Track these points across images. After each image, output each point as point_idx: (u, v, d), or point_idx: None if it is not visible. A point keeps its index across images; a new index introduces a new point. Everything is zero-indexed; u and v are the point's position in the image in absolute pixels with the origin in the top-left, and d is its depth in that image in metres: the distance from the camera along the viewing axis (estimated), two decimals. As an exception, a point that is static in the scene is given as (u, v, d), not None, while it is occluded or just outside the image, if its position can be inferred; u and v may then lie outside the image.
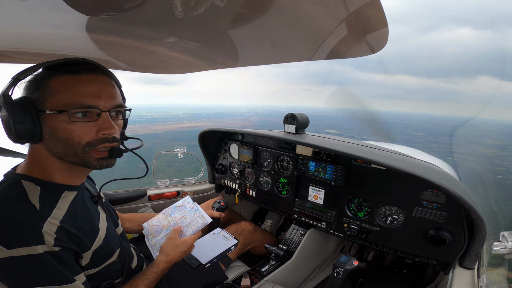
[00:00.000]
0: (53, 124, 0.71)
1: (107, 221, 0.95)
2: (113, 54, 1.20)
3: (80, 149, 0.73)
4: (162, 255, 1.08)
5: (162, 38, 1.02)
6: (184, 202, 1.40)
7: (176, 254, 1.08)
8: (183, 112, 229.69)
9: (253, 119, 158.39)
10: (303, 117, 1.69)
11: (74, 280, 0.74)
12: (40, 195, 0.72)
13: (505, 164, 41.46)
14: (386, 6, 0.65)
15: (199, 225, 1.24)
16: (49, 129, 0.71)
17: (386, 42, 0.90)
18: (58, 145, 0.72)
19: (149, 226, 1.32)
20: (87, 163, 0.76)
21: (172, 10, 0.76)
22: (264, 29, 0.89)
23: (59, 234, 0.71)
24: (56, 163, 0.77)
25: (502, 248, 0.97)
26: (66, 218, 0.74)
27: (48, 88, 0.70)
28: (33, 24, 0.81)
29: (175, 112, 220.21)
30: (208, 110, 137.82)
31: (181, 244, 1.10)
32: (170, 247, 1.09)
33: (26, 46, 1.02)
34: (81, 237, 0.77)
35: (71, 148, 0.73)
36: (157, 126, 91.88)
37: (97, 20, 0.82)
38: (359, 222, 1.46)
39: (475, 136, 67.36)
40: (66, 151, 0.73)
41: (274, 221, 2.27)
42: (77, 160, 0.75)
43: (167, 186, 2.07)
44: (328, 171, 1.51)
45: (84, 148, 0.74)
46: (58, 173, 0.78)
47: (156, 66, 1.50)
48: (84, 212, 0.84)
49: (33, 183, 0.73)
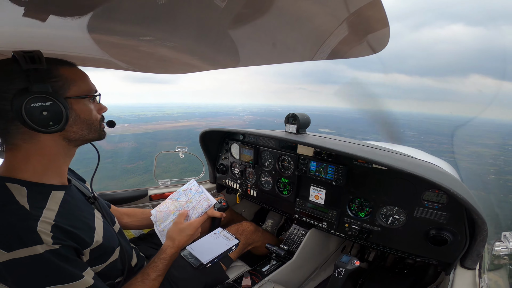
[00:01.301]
0: (78, 108, 0.79)
1: (103, 220, 0.94)
2: (114, 54, 1.20)
3: (98, 125, 0.86)
4: (169, 240, 1.08)
5: (163, 38, 1.02)
6: (189, 186, 1.38)
7: (183, 238, 1.08)
8: (177, 111, 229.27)
9: (247, 118, 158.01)
10: (304, 117, 1.69)
11: (82, 276, 0.74)
12: (27, 196, 0.71)
13: (498, 164, 41.40)
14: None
15: (203, 207, 1.23)
16: (75, 113, 0.78)
17: (387, 42, 0.90)
18: (82, 126, 0.81)
19: (157, 213, 1.31)
20: (101, 134, 0.88)
21: (173, 10, 0.76)
22: (265, 29, 0.89)
23: (55, 232, 0.70)
24: (61, 153, 0.80)
25: (503, 248, 0.97)
26: (58, 217, 0.73)
27: (65, 77, 0.76)
28: (33, 24, 0.81)
29: (168, 111, 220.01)
30: (203, 109, 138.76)
31: (186, 227, 1.11)
32: (176, 231, 1.10)
33: (26, 46, 1.03)
34: (78, 234, 0.76)
35: (92, 126, 0.84)
36: (148, 126, 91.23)
37: (98, 20, 0.82)
38: (360, 222, 1.46)
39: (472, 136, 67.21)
40: (89, 130, 0.83)
41: (275, 221, 2.27)
42: (95, 135, 0.86)
43: (168, 186, 2.08)
44: (329, 171, 1.51)
45: (99, 123, 0.87)
46: (49, 171, 0.78)
47: (156, 66, 1.50)
48: (76, 211, 0.83)
49: (18, 184, 0.72)
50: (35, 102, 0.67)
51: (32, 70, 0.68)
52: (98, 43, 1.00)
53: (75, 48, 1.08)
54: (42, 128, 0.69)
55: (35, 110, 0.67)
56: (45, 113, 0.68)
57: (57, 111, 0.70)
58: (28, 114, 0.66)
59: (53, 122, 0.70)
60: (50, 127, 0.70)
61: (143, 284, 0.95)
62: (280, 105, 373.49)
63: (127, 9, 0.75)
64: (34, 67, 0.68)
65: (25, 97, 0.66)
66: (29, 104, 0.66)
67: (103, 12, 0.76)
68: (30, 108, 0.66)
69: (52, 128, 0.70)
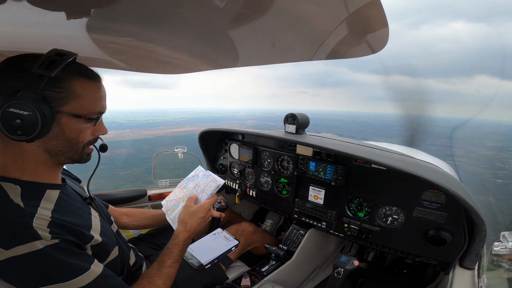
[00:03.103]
0: (66, 124, 0.74)
1: (100, 219, 0.93)
2: (113, 54, 1.20)
3: (81, 147, 0.80)
4: (181, 225, 1.06)
5: (162, 38, 1.02)
6: (196, 172, 1.35)
7: (195, 221, 1.06)
8: (180, 116, 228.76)
9: (249, 122, 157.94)
10: (303, 117, 1.69)
11: (88, 267, 0.72)
12: (21, 194, 0.70)
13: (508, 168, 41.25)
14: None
15: (212, 189, 1.20)
16: (60, 128, 0.73)
17: (386, 42, 0.90)
18: (62, 143, 0.76)
19: (167, 203, 1.29)
20: (81, 158, 0.82)
21: (173, 10, 0.76)
22: (264, 29, 0.89)
23: (52, 228, 0.68)
24: (42, 161, 0.76)
25: (502, 248, 0.97)
26: (54, 214, 0.72)
27: (71, 91, 0.72)
28: (33, 24, 0.81)
29: (172, 117, 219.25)
30: (207, 114, 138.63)
31: (197, 210, 1.08)
32: (187, 215, 1.07)
33: (26, 46, 1.03)
34: (77, 229, 0.75)
35: (74, 147, 0.78)
36: (149, 131, 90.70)
37: (97, 20, 0.82)
38: (359, 222, 1.46)
39: (475, 137, 67.26)
40: (68, 149, 0.77)
41: (274, 221, 2.27)
42: (75, 157, 0.80)
43: (167, 186, 2.07)
44: (328, 171, 1.51)
45: (84, 146, 0.81)
46: (40, 172, 0.77)
47: (156, 66, 1.50)
48: (72, 209, 0.82)
49: (11, 183, 0.71)
50: (15, 108, 0.64)
51: (38, 75, 0.66)
52: (97, 42, 1.00)
53: (75, 47, 1.07)
54: (9, 134, 0.65)
55: (11, 115, 0.64)
56: (18, 121, 0.65)
57: (32, 123, 0.66)
58: (2, 116, 0.64)
59: (21, 131, 0.66)
60: (17, 135, 0.66)
61: (159, 272, 0.94)
62: (284, 109, 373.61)
63: (126, 9, 0.75)
64: (41, 73, 0.66)
65: (7, 100, 0.64)
66: (8, 108, 0.64)
67: (102, 11, 0.76)
68: (7, 112, 0.64)
69: (19, 137, 0.66)
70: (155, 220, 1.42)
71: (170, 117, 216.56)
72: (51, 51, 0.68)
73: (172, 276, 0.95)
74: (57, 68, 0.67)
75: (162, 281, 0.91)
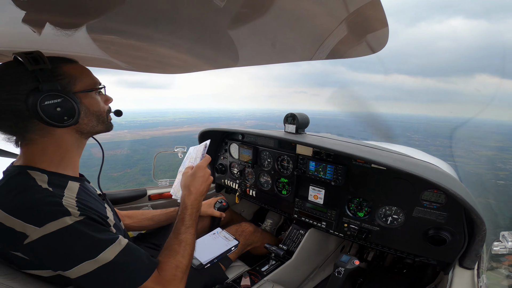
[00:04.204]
0: (87, 101, 0.83)
1: (113, 213, 0.97)
2: (113, 53, 1.20)
3: (105, 117, 0.90)
4: (184, 190, 1.06)
5: (162, 38, 1.02)
6: (188, 153, 1.33)
7: (196, 182, 1.05)
8: (179, 116, 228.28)
9: (248, 122, 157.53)
10: (303, 117, 1.69)
11: (116, 238, 0.76)
12: (48, 182, 0.75)
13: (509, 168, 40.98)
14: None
15: (201, 149, 1.18)
16: (85, 106, 0.82)
17: (386, 42, 0.90)
18: (92, 119, 0.85)
19: (173, 190, 1.29)
20: (108, 126, 0.92)
21: (172, 10, 0.76)
22: (264, 29, 0.89)
23: (80, 206, 0.73)
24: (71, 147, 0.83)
25: (502, 248, 0.97)
26: (79, 199, 0.77)
27: (70, 74, 0.79)
28: (32, 23, 0.81)
29: (171, 117, 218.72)
30: (206, 114, 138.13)
31: (194, 171, 1.07)
32: (187, 179, 1.07)
33: (26, 46, 1.02)
34: (99, 212, 0.80)
35: (100, 117, 0.87)
36: (146, 132, 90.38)
37: (98, 20, 0.82)
38: (359, 222, 1.46)
39: (475, 137, 67.07)
40: (97, 121, 0.87)
41: (274, 221, 2.27)
42: (103, 127, 0.90)
43: (167, 185, 2.08)
44: (328, 171, 1.51)
45: (106, 115, 0.91)
46: (65, 163, 0.82)
47: (155, 65, 1.50)
48: (92, 200, 0.86)
49: (39, 172, 0.76)
50: (48, 100, 0.71)
51: (38, 71, 0.71)
52: (97, 42, 1.01)
53: (74, 47, 1.08)
54: (59, 123, 0.74)
55: (50, 107, 0.71)
56: (58, 109, 0.73)
57: (69, 106, 0.75)
58: (44, 111, 0.71)
59: (67, 116, 0.75)
60: (66, 121, 0.75)
61: (176, 239, 0.95)
62: (284, 109, 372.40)
63: (126, 8, 0.75)
64: (39, 68, 0.71)
65: (38, 96, 0.70)
66: (43, 102, 0.70)
67: (102, 11, 0.76)
68: (44, 106, 0.71)
69: (68, 122, 0.75)
70: (155, 220, 1.43)
71: (169, 117, 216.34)
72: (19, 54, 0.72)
73: (190, 242, 0.96)
74: (44, 60, 0.72)
75: (182, 248, 0.93)
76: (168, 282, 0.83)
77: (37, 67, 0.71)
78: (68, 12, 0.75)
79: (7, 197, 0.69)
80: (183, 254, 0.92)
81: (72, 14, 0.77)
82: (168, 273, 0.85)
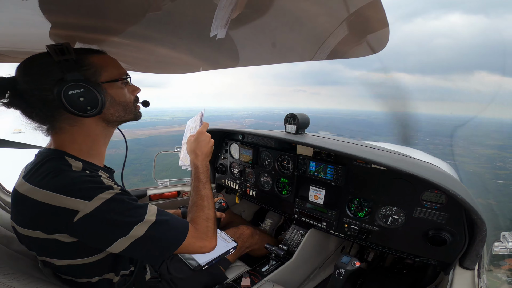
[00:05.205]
0: (113, 91, 0.84)
1: None
2: (113, 54, 1.20)
3: (133, 106, 0.91)
4: (191, 155, 1.12)
5: (163, 38, 1.02)
6: (187, 125, 1.37)
7: (200, 145, 1.10)
8: (178, 115, 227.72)
9: (247, 121, 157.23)
10: (303, 117, 1.69)
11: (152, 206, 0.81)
12: (83, 168, 0.78)
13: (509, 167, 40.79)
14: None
15: (199, 118, 1.23)
16: (110, 97, 0.83)
17: (387, 42, 0.90)
18: (118, 108, 0.86)
19: (180, 160, 1.32)
20: (136, 115, 0.93)
21: (172, 10, 0.76)
22: (264, 29, 0.89)
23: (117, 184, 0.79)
24: (99, 136, 0.86)
25: (502, 248, 0.97)
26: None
27: (96, 65, 0.80)
28: (33, 23, 0.81)
29: (169, 116, 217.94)
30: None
31: (196, 137, 1.13)
32: (192, 145, 1.12)
33: (26, 46, 1.02)
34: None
35: (127, 107, 0.89)
36: (143, 131, 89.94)
37: (97, 20, 0.82)
38: (359, 222, 1.46)
39: (475, 136, 66.80)
40: (124, 111, 0.88)
41: (274, 221, 2.27)
42: (131, 116, 0.91)
43: (167, 186, 2.08)
44: (329, 171, 1.51)
45: (134, 104, 0.92)
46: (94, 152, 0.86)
47: (156, 66, 1.50)
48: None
49: (73, 159, 0.79)
50: (71, 90, 0.72)
51: (64, 61, 0.73)
52: (97, 42, 1.00)
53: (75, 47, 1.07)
54: (82, 112, 0.75)
55: (73, 97, 0.73)
56: (81, 99, 0.74)
57: (93, 96, 0.76)
58: (68, 101, 0.72)
59: (91, 106, 0.76)
60: (89, 111, 0.76)
61: (198, 195, 1.02)
62: (282, 107, 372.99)
63: (126, 8, 0.75)
64: (65, 58, 0.73)
65: (62, 86, 0.72)
66: (66, 92, 0.72)
67: (103, 12, 0.76)
68: (68, 96, 0.72)
69: (91, 112, 0.76)
70: None
71: (168, 116, 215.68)
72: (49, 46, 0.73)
73: (210, 196, 1.04)
74: (70, 51, 0.73)
75: (206, 201, 1.01)
76: (204, 234, 0.91)
77: (63, 57, 0.72)
78: (68, 12, 0.75)
79: (47, 178, 0.71)
80: (208, 207, 0.99)
81: (72, 14, 0.77)
82: (202, 225, 0.92)
